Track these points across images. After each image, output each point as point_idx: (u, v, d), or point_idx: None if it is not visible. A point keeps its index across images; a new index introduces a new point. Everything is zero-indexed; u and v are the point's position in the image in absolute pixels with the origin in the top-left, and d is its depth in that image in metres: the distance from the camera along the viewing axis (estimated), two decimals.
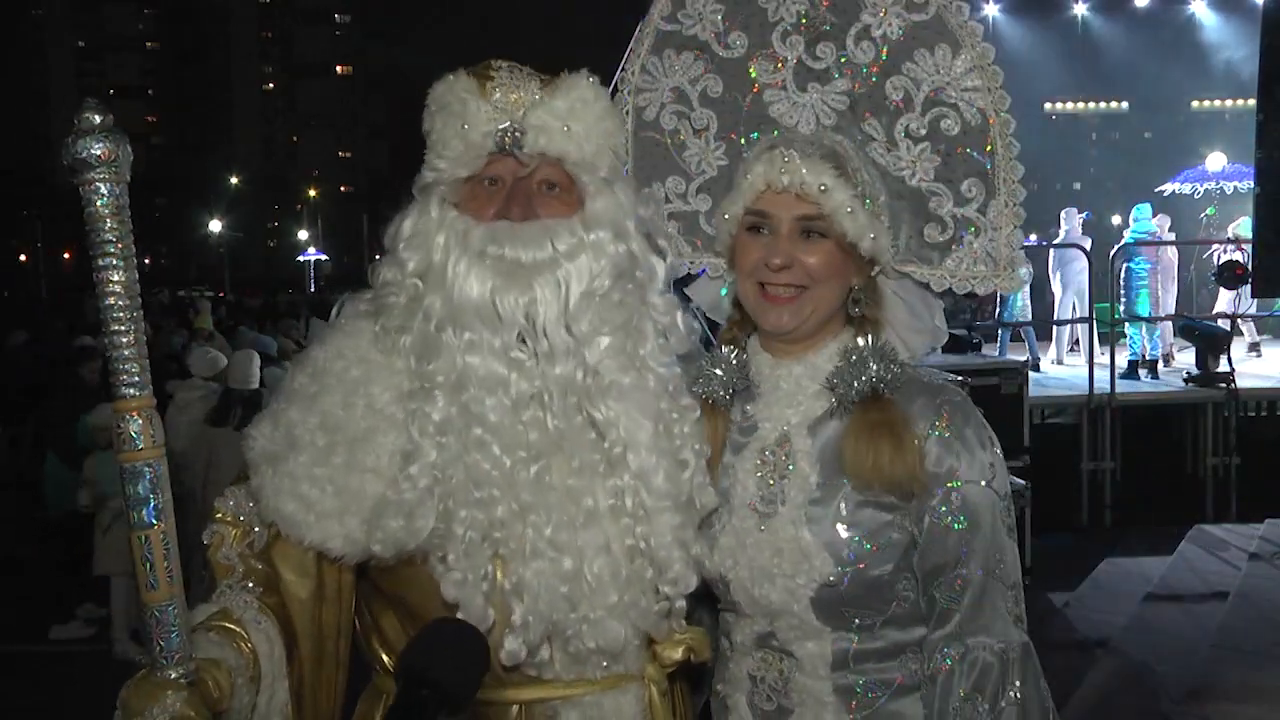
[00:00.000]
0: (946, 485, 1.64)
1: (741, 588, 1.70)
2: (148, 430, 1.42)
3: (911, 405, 1.67)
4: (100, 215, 1.39)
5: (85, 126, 1.38)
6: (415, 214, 1.74)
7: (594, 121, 1.74)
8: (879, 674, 1.68)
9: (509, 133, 1.69)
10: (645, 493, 1.67)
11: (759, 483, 1.73)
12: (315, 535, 1.66)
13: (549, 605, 1.62)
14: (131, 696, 1.45)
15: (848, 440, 1.66)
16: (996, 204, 1.77)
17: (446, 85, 1.74)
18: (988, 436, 1.69)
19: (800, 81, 1.84)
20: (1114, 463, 9.75)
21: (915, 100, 1.78)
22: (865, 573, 1.64)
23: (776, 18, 1.84)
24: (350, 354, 1.75)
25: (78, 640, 7.15)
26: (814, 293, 1.69)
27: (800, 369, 1.74)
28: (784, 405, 1.75)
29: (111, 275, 1.39)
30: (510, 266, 1.67)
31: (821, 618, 1.66)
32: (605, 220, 1.72)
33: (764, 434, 1.75)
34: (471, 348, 1.66)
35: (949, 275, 1.81)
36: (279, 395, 1.79)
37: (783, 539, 1.67)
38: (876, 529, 1.65)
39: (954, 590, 1.64)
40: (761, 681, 1.73)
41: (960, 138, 1.77)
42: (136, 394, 1.42)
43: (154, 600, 1.43)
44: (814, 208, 1.67)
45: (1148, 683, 5.43)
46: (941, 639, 1.65)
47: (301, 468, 1.67)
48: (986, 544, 1.64)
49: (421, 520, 1.62)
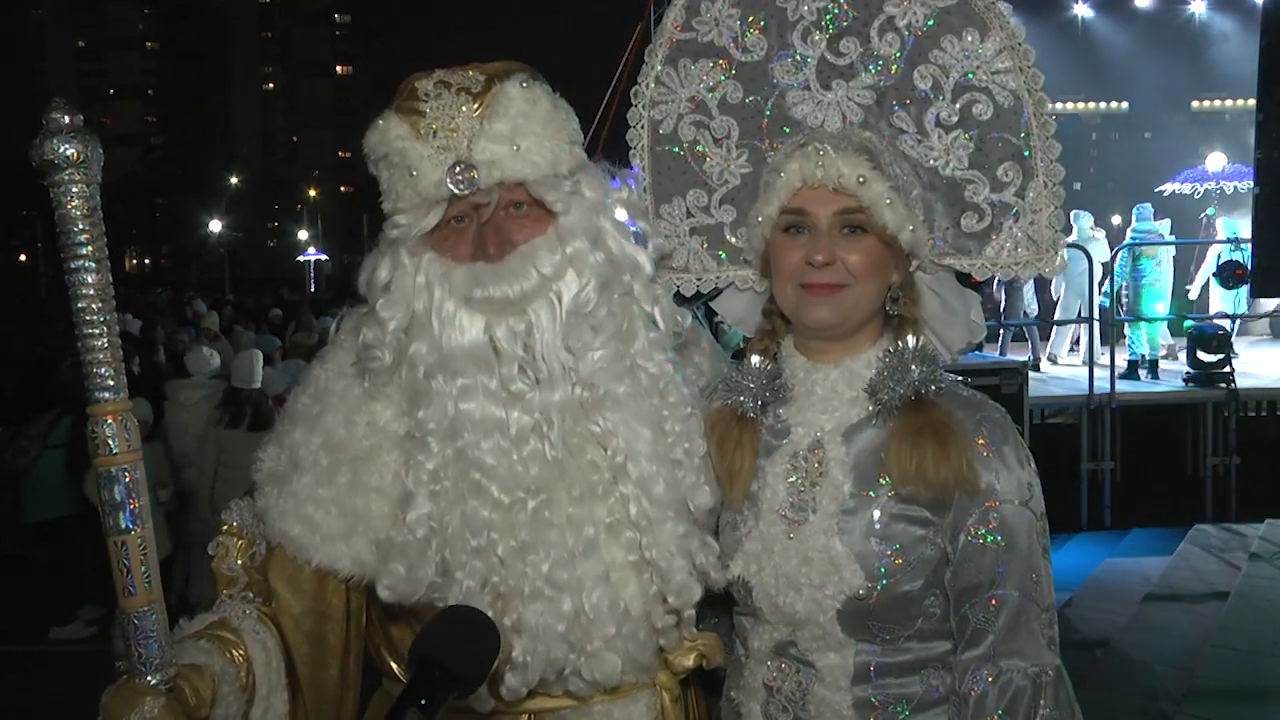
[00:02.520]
0: (984, 503, 1.60)
1: (765, 594, 1.67)
2: (122, 434, 1.40)
3: (952, 415, 1.64)
4: (71, 217, 1.36)
5: (54, 127, 1.34)
6: (388, 264, 1.68)
7: (541, 129, 1.67)
8: (899, 688, 1.65)
9: (460, 174, 1.62)
10: (647, 502, 1.65)
11: (789, 489, 1.69)
12: (322, 558, 1.66)
13: (548, 645, 1.61)
14: (111, 702, 1.44)
15: (891, 444, 1.62)
16: (1035, 185, 1.73)
17: (378, 134, 1.67)
18: (1025, 455, 1.66)
19: (824, 80, 1.80)
20: (1114, 463, 9.74)
21: (945, 88, 1.74)
22: (895, 587, 1.61)
23: (796, 16, 1.80)
24: (352, 372, 1.74)
25: (77, 640, 7.14)
26: (855, 290, 1.66)
27: (837, 374, 1.70)
28: (818, 410, 1.71)
29: (84, 278, 1.37)
30: (500, 304, 1.63)
31: (846, 630, 1.63)
32: (580, 230, 1.68)
33: (796, 439, 1.71)
34: (465, 394, 1.62)
35: (990, 264, 1.77)
36: (283, 416, 1.78)
37: (812, 548, 1.63)
38: (909, 543, 1.61)
39: (988, 611, 1.60)
40: (778, 691, 1.69)
41: (993, 121, 1.73)
42: (111, 397, 1.40)
43: (132, 606, 1.42)
44: (853, 200, 1.64)
45: (1148, 683, 5.42)
46: (974, 660, 1.60)
47: (305, 489, 1.67)
48: (1023, 565, 1.60)
49: (421, 571, 1.61)
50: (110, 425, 1.39)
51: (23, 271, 54.06)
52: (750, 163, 1.88)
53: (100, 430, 1.39)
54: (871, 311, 1.70)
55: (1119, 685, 5.41)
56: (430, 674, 1.28)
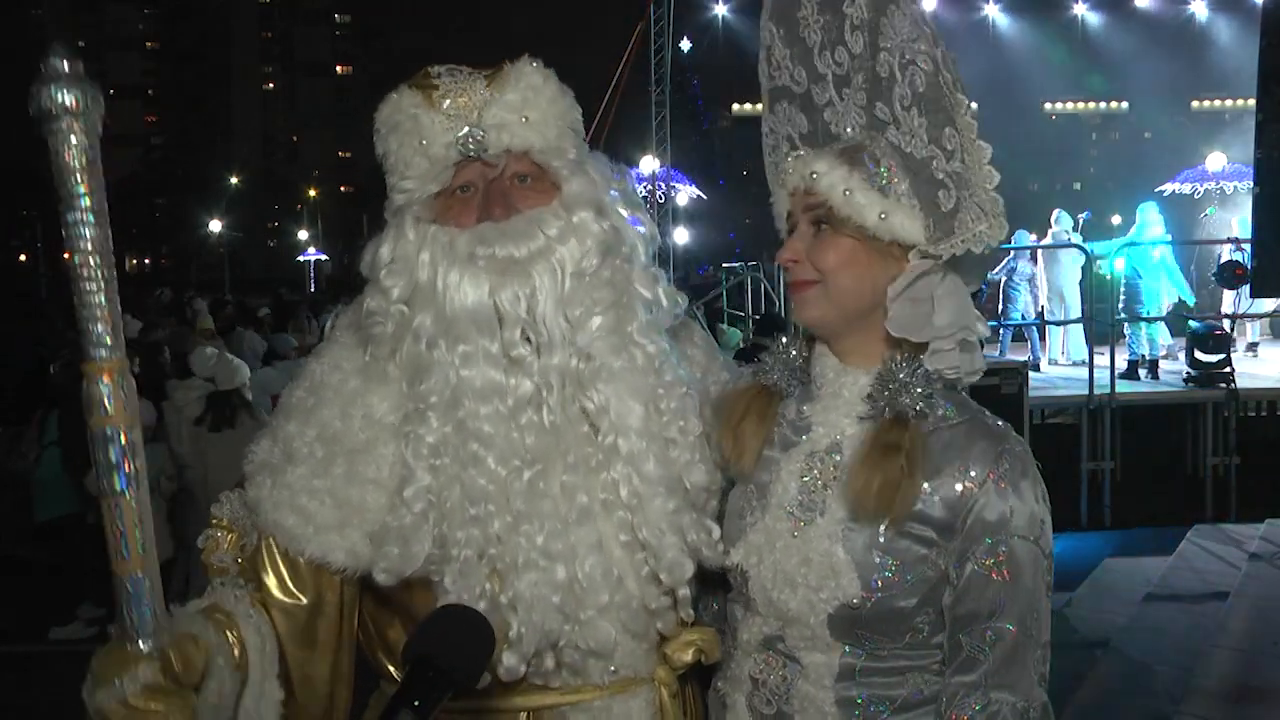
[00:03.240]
0: (995, 535, 1.59)
1: (760, 587, 1.68)
2: (118, 393, 1.35)
3: (971, 448, 1.62)
4: (69, 168, 1.29)
5: (52, 73, 1.29)
6: (392, 238, 1.70)
7: (548, 106, 1.73)
8: (884, 689, 1.65)
9: (470, 137, 1.67)
10: (637, 479, 1.66)
11: (801, 487, 1.69)
12: (315, 549, 1.65)
13: (542, 616, 1.61)
14: (100, 665, 1.40)
15: (855, 457, 1.61)
16: (967, 143, 1.68)
17: (391, 105, 1.71)
18: (1042, 492, 1.65)
19: (839, 91, 1.84)
20: (1114, 463, 9.75)
21: (895, 69, 1.74)
22: (890, 601, 1.61)
23: (812, 42, 1.84)
24: (347, 365, 1.74)
25: (78, 640, 7.15)
26: (828, 286, 1.66)
27: (866, 380, 1.68)
28: (842, 413, 1.70)
29: (82, 230, 1.31)
30: (504, 264, 1.65)
31: (834, 634, 1.64)
32: (585, 200, 1.71)
33: (816, 438, 1.71)
34: (466, 360, 1.63)
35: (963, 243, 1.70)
36: (278, 410, 1.78)
37: (814, 550, 1.64)
38: (911, 561, 1.61)
39: (983, 640, 1.59)
40: (763, 684, 1.71)
41: (928, 91, 1.70)
42: (107, 355, 1.34)
43: (124, 570, 1.37)
44: (814, 197, 1.67)
45: (1148, 683, 5.42)
46: (963, 686, 1.60)
47: (300, 480, 1.66)
48: (1025, 600, 1.60)
49: (417, 546, 1.61)
50: (105, 384, 1.34)
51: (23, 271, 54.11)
52: None
53: (95, 389, 1.34)
54: (861, 307, 1.69)
55: (1119, 685, 5.41)
56: (424, 673, 1.27)
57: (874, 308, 1.69)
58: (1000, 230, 1.68)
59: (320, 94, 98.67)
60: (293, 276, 49.37)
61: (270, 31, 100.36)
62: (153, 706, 1.38)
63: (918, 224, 1.67)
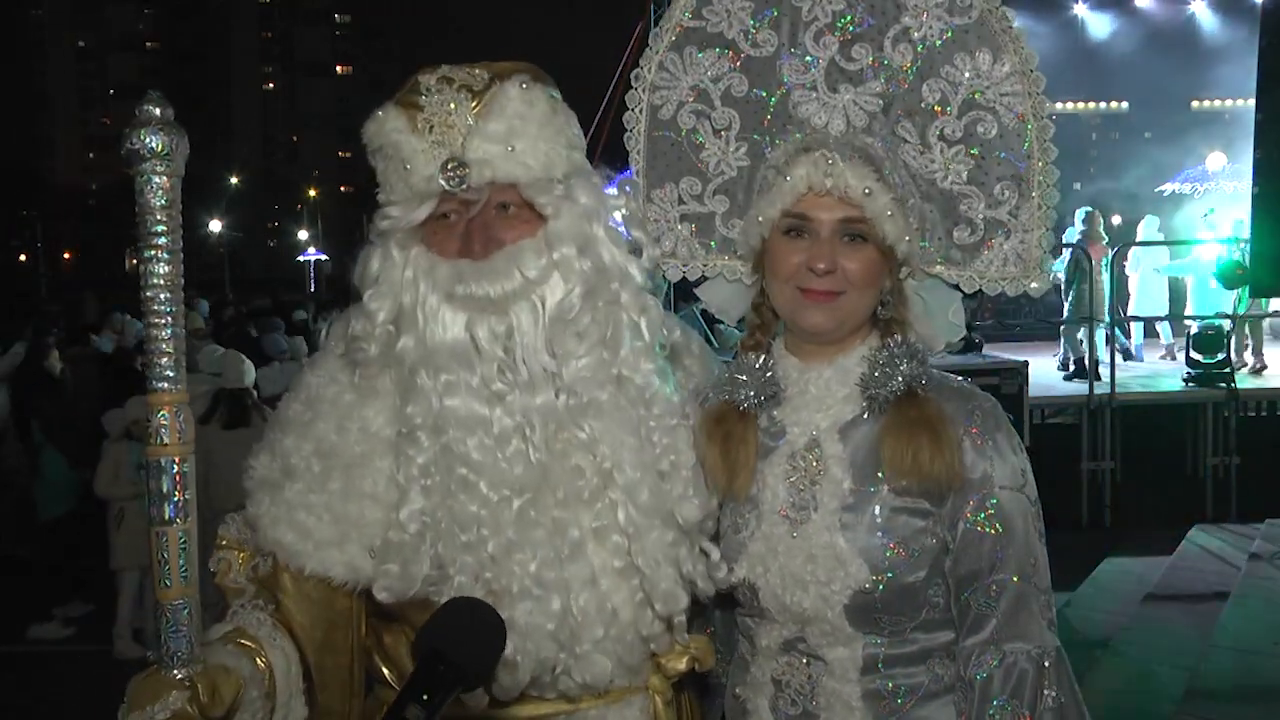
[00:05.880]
0: (980, 491, 1.64)
1: (772, 594, 1.69)
2: (175, 425, 1.42)
3: (943, 410, 1.66)
4: (151, 207, 1.40)
5: (144, 118, 1.40)
6: (378, 258, 1.69)
7: (538, 131, 1.67)
8: (907, 679, 1.67)
9: (452, 171, 1.62)
10: (633, 508, 1.65)
11: (789, 488, 1.70)
12: (315, 564, 1.66)
13: (537, 644, 1.61)
14: (136, 691, 1.45)
15: (886, 438, 1.64)
16: (1029, 206, 1.78)
17: (377, 125, 1.68)
18: (1017, 443, 1.70)
19: (831, 82, 1.81)
20: (1114, 463, 9.75)
21: (952, 103, 1.76)
22: (900, 579, 1.63)
23: (811, 17, 1.81)
24: (344, 378, 1.73)
25: (56, 640, 7.11)
26: (851, 297, 1.68)
27: (830, 372, 1.72)
28: (813, 410, 1.73)
29: (156, 268, 1.40)
30: (481, 302, 1.63)
31: (854, 624, 1.65)
32: (569, 236, 1.67)
33: (793, 438, 1.73)
34: (449, 389, 1.62)
35: (978, 276, 1.81)
36: (274, 424, 1.78)
37: (816, 545, 1.65)
38: (911, 535, 1.64)
39: (989, 596, 1.63)
40: (786, 686, 1.71)
41: (996, 141, 1.76)
42: (169, 388, 1.42)
43: (167, 598, 1.43)
44: (857, 211, 1.66)
45: (1148, 683, 5.42)
46: (977, 645, 1.63)
47: (297, 495, 1.66)
48: (1021, 550, 1.64)
49: (415, 567, 1.61)
50: (165, 415, 1.42)
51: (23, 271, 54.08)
52: (749, 156, 1.89)
53: (155, 419, 1.41)
54: (866, 316, 1.73)
55: (1119, 685, 5.41)
56: (434, 667, 1.26)
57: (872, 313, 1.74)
58: (1038, 282, 1.80)
59: (320, 94, 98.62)
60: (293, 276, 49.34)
61: (270, 31, 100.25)
62: None
63: (919, 244, 1.74)
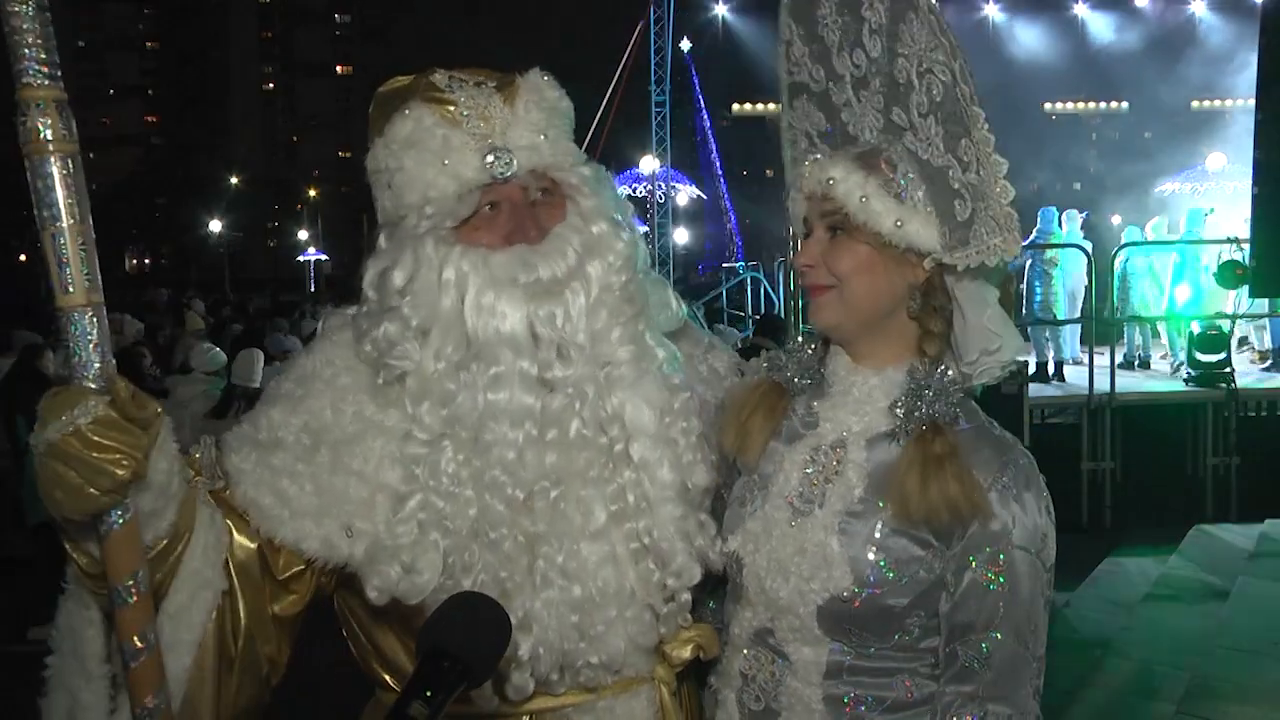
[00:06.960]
0: (996, 544, 1.59)
1: (754, 574, 1.69)
2: (56, 121, 1.29)
3: (976, 456, 1.62)
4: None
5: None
6: (409, 261, 1.64)
7: (562, 120, 1.75)
8: (872, 689, 1.65)
9: (499, 161, 1.65)
10: (649, 484, 1.66)
11: (803, 479, 1.70)
12: (288, 533, 1.61)
13: (559, 635, 1.60)
14: (49, 405, 1.33)
15: (902, 469, 1.60)
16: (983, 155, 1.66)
17: (411, 122, 1.66)
18: (1047, 506, 1.64)
19: (857, 93, 1.83)
20: (1114, 463, 9.75)
21: (913, 76, 1.73)
22: (881, 599, 1.61)
23: (831, 41, 1.83)
24: (340, 362, 1.72)
25: None
26: (843, 290, 1.67)
27: (876, 380, 1.70)
28: (850, 411, 1.71)
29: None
30: (546, 286, 1.64)
31: (823, 627, 1.64)
32: (599, 213, 1.72)
33: (823, 433, 1.72)
34: (496, 383, 1.61)
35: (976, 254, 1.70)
36: (264, 399, 1.75)
37: (810, 540, 1.65)
38: (905, 560, 1.61)
39: (979, 652, 1.59)
40: (752, 680, 1.72)
41: (944, 100, 1.69)
42: (45, 82, 1.29)
43: (69, 304, 1.32)
44: (831, 203, 1.67)
45: (1148, 683, 5.42)
46: (959, 696, 1.60)
47: (282, 462, 1.63)
48: (1023, 613, 1.60)
49: (426, 576, 1.58)
50: (42, 109, 1.28)
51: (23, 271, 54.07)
52: None
53: (31, 113, 1.28)
54: (877, 313, 1.69)
55: (1119, 685, 5.41)
56: (438, 664, 1.24)
57: (889, 313, 1.70)
58: (1015, 245, 1.68)
59: (320, 94, 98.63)
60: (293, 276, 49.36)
61: (270, 31, 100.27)
62: (111, 438, 1.32)
63: (933, 231, 1.67)
